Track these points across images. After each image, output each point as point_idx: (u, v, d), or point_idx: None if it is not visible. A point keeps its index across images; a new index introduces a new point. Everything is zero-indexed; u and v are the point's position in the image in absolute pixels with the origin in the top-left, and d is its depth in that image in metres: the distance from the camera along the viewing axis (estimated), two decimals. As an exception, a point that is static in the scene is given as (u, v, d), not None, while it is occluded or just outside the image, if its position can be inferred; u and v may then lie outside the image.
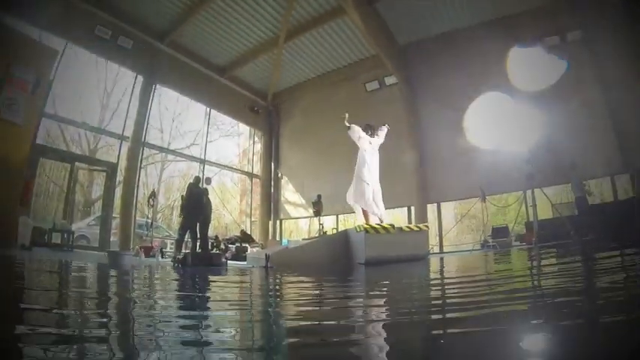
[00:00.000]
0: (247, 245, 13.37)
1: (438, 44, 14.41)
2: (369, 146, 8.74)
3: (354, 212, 9.34)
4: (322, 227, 13.53)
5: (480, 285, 3.56)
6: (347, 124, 8.73)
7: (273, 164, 18.97)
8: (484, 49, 12.89)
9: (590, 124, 10.89)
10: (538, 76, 11.26)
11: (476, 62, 13.12)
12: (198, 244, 10.02)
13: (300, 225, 22.73)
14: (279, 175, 18.67)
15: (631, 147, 10.39)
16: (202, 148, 16.48)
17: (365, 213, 8.46)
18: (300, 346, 1.54)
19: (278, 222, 18.53)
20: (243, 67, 16.31)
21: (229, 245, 13.09)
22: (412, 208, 14.38)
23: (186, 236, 10.01)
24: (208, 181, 12.46)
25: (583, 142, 10.72)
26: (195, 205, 9.88)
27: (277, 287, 4.25)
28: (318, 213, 13.39)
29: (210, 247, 11.20)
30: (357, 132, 8.70)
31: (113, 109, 18.36)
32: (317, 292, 3.81)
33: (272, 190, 18.71)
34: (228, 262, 9.85)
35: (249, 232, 15.90)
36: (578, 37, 11.25)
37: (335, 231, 13.46)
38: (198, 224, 9.97)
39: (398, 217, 14.99)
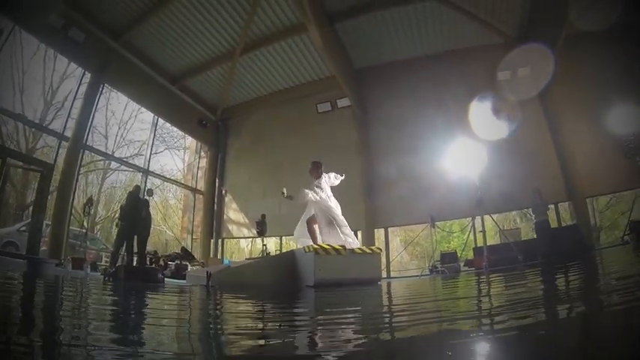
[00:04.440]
0: (188, 263, 12.67)
1: (392, 70, 14.67)
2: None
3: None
4: (266, 248, 13.18)
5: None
6: (285, 196, 7.80)
7: (217, 181, 18.25)
8: (437, 78, 13.26)
9: (538, 156, 11.40)
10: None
11: (429, 91, 13.43)
12: (134, 258, 9.32)
13: (241, 246, 22.15)
14: (224, 191, 17.98)
15: (573, 180, 10.96)
16: (146, 158, 15.60)
17: (313, 233, 7.77)
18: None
19: (220, 241, 17.79)
20: (196, 77, 15.76)
21: (169, 262, 12.32)
22: (359, 232, 14.22)
23: (123, 249, 9.29)
24: (150, 192, 11.73)
25: (532, 172, 11.14)
26: (134, 215, 9.20)
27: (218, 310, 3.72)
28: (261, 233, 13.03)
29: (148, 263, 10.46)
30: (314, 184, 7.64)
31: (57, 108, 17.29)
32: (263, 314, 3.34)
33: (215, 208, 17.99)
34: (167, 279, 9.16)
35: (190, 250, 15.14)
36: (528, 73, 11.74)
37: (279, 252, 13.10)
38: (135, 237, 9.28)
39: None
